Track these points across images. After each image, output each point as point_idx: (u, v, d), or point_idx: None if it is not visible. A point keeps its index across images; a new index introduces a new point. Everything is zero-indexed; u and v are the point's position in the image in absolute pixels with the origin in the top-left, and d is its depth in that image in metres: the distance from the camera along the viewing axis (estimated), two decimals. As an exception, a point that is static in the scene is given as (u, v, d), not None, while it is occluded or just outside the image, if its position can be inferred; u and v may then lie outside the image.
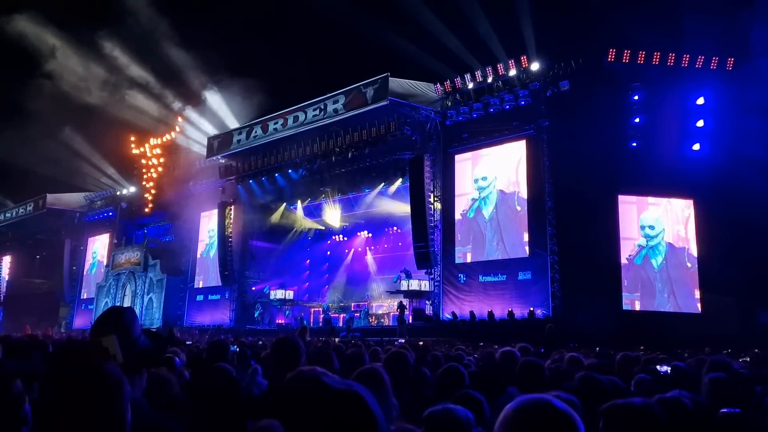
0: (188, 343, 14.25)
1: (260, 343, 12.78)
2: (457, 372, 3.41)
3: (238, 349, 6.64)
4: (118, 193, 38.27)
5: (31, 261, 44.29)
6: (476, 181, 22.48)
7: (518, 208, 21.31)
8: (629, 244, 20.01)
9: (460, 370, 3.48)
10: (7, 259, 45.71)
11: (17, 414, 2.06)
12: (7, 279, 45.08)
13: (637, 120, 20.28)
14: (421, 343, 12.42)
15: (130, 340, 2.40)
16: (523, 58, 21.40)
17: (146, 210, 35.30)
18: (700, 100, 20.01)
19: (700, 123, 19.95)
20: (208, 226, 32.60)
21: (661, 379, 4.35)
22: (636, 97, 20.36)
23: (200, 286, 32.47)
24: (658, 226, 20.01)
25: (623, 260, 19.73)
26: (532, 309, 19.63)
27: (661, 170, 18.82)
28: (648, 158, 19.06)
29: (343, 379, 1.39)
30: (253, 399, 3.50)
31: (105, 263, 37.48)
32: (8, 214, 44.00)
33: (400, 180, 25.95)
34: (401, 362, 3.47)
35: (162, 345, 2.67)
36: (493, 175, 22.06)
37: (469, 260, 22.17)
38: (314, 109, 25.50)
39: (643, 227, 20.05)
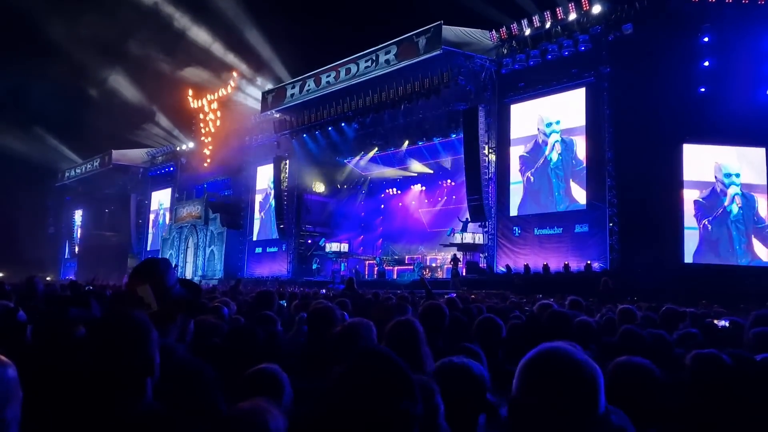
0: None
1: (322, 293, 13.25)
2: (492, 323, 3.40)
3: (285, 303, 6.84)
4: (177, 148, 39.41)
5: (101, 215, 46.46)
6: (548, 125, 21.66)
7: (576, 158, 20.72)
8: (695, 195, 19.12)
9: (497, 321, 3.46)
10: (78, 213, 48.27)
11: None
12: (80, 232, 47.71)
13: (706, 64, 19.03)
14: (472, 296, 12.35)
15: (164, 290, 2.52)
16: (584, 1, 20.41)
17: (204, 165, 36.21)
18: (778, 40, 18.61)
19: (777, 65, 18.60)
20: (264, 180, 33.27)
21: (713, 335, 4.16)
22: (705, 39, 19.06)
23: (258, 239, 33.40)
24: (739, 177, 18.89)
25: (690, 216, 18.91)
26: (589, 262, 19.28)
27: (732, 117, 17.59)
28: (717, 104, 17.91)
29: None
30: (293, 349, 3.56)
31: (168, 216, 38.96)
32: (78, 170, 46.24)
33: (454, 132, 25.55)
34: (436, 314, 3.50)
35: (197, 293, 2.81)
36: (557, 125, 21.40)
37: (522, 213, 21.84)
38: (366, 61, 25.20)
39: (727, 174, 18.92)
